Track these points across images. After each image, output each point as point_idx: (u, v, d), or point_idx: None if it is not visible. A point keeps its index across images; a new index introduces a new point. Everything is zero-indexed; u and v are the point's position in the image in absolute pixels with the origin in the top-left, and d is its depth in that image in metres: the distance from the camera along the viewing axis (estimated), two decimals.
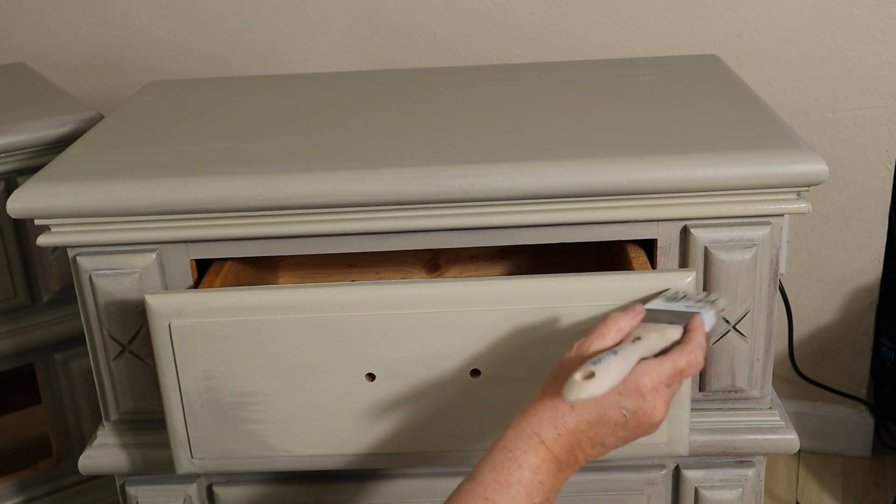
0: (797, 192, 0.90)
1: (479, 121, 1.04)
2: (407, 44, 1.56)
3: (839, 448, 1.66)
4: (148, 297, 0.88)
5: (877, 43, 1.45)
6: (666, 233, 0.93)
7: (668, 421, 0.89)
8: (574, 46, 1.53)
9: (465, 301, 0.87)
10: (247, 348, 0.88)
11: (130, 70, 1.64)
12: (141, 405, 0.99)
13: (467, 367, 0.88)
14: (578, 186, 0.89)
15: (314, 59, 1.59)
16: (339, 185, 0.90)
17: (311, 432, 0.91)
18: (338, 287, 0.88)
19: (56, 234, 0.93)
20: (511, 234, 0.93)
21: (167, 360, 0.89)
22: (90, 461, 1.01)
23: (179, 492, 1.02)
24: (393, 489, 1.01)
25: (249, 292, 0.88)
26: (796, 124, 1.49)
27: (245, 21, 1.59)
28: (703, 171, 0.88)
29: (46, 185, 0.92)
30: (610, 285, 0.86)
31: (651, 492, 1.00)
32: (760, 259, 0.92)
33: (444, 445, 0.91)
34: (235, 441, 0.92)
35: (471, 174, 0.89)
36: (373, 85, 1.22)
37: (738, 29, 1.48)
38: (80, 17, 1.62)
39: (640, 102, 1.07)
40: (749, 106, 1.03)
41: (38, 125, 1.19)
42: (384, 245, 0.94)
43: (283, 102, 1.15)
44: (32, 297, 1.26)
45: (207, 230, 0.92)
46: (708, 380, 0.97)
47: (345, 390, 0.89)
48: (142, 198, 0.90)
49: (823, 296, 1.60)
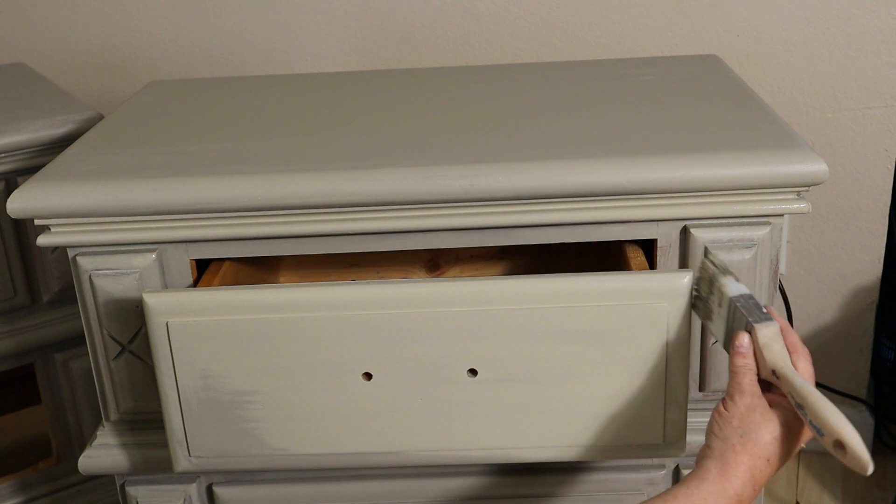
0: (797, 192, 0.90)
1: (479, 121, 1.04)
2: (407, 44, 1.56)
3: None
4: (146, 295, 0.88)
5: (877, 43, 1.45)
6: (666, 233, 0.93)
7: (666, 421, 0.90)
8: (574, 46, 1.53)
9: (465, 301, 0.87)
10: (244, 347, 0.88)
11: (130, 70, 1.63)
12: (141, 405, 0.99)
13: (465, 366, 0.88)
14: (578, 186, 0.89)
15: (314, 59, 1.59)
16: (339, 185, 0.90)
17: (309, 431, 0.91)
18: (337, 287, 0.88)
19: (56, 234, 0.93)
20: (511, 234, 0.93)
21: (165, 358, 0.89)
22: (90, 461, 1.01)
23: (179, 492, 1.02)
24: (391, 488, 1.01)
25: (247, 291, 0.88)
26: (796, 124, 1.49)
27: (245, 21, 1.59)
28: (703, 171, 0.88)
29: (46, 185, 0.92)
30: (610, 285, 0.86)
31: (651, 492, 1.00)
32: (760, 259, 0.92)
33: (440, 445, 0.91)
34: (233, 440, 0.92)
35: (471, 174, 0.89)
36: (373, 85, 1.22)
37: (738, 29, 1.48)
38: (80, 17, 1.61)
39: (640, 102, 1.07)
40: (749, 106, 1.03)
41: (38, 125, 1.19)
42: (384, 245, 0.94)
43: (283, 102, 1.15)
44: (32, 297, 1.26)
45: (207, 230, 0.92)
46: (708, 380, 0.97)
47: (342, 389, 0.89)
48: (142, 198, 0.90)
49: (823, 296, 1.60)
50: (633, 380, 0.88)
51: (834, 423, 0.71)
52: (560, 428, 0.90)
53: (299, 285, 0.89)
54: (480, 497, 1.01)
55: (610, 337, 0.87)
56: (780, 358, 0.77)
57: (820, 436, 0.72)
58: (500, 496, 1.01)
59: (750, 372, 0.78)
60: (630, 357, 0.87)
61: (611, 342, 0.87)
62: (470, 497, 1.01)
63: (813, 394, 0.74)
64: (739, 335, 0.80)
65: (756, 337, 0.78)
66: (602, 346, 0.87)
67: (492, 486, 1.01)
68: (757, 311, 0.80)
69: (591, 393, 0.89)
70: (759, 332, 0.78)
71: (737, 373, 0.79)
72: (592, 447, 0.91)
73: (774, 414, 0.77)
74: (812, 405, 0.73)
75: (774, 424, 0.76)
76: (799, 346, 0.80)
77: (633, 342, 0.87)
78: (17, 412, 1.60)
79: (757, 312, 0.80)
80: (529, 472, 1.00)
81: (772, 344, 0.78)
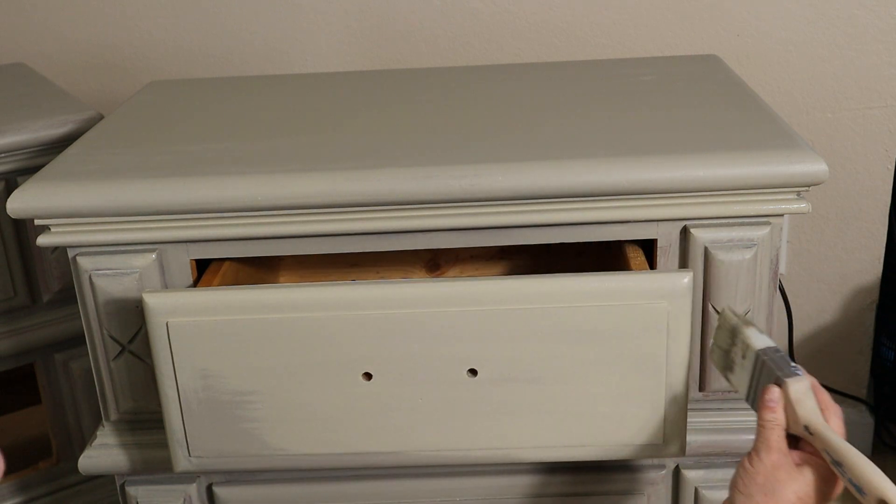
0: (797, 192, 0.90)
1: (478, 121, 1.04)
2: (407, 44, 1.56)
3: None
4: (146, 295, 0.88)
5: (877, 43, 1.45)
6: (666, 233, 0.93)
7: (666, 421, 0.90)
8: (574, 46, 1.53)
9: (465, 301, 0.87)
10: (244, 347, 0.88)
11: (130, 70, 1.63)
12: (141, 405, 0.99)
13: (465, 366, 0.88)
14: (578, 186, 0.89)
15: (314, 59, 1.59)
16: (339, 185, 0.90)
17: (308, 431, 0.91)
18: (337, 287, 0.88)
19: (56, 234, 0.93)
20: (511, 234, 0.93)
21: (165, 358, 0.89)
22: (90, 461, 1.01)
23: (179, 492, 1.02)
24: (391, 488, 1.01)
25: (247, 291, 0.88)
26: (796, 124, 1.49)
27: (245, 21, 1.59)
28: (703, 171, 0.88)
29: (46, 185, 0.92)
30: (610, 285, 0.86)
31: (651, 492, 1.00)
32: (760, 259, 0.92)
33: (440, 445, 0.91)
34: (233, 439, 0.92)
35: (471, 174, 0.89)
36: (373, 85, 1.22)
37: (738, 29, 1.48)
38: (80, 17, 1.61)
39: (640, 102, 1.07)
40: (749, 106, 1.03)
41: (38, 125, 1.19)
42: (384, 245, 0.94)
43: (283, 102, 1.15)
44: (32, 297, 1.26)
45: (207, 230, 0.92)
46: (708, 380, 0.97)
47: (342, 389, 0.89)
48: (142, 198, 0.90)
49: (823, 296, 1.60)
50: (633, 380, 0.88)
51: (877, 483, 0.70)
52: (560, 428, 0.90)
53: (299, 285, 0.89)
54: (480, 497, 1.01)
55: (610, 337, 0.87)
56: (814, 414, 0.76)
57: (860, 494, 0.71)
58: (500, 496, 1.01)
59: (778, 427, 0.77)
60: (630, 357, 0.87)
61: (611, 342, 0.87)
62: (470, 497, 1.01)
63: (852, 452, 0.73)
64: (770, 389, 0.78)
65: (788, 391, 0.77)
66: (602, 346, 0.87)
67: (491, 486, 1.01)
68: (786, 365, 0.79)
69: (591, 393, 0.89)
70: (791, 386, 0.77)
71: (765, 427, 0.77)
72: (592, 447, 0.91)
73: (800, 472, 0.76)
74: (852, 464, 0.72)
75: (799, 483, 0.75)
76: (830, 402, 0.79)
77: (633, 342, 0.87)
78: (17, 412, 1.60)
79: (787, 367, 0.78)
80: (529, 472, 1.00)
81: (804, 399, 0.77)
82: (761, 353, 0.80)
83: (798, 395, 0.77)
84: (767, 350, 0.80)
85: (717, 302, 0.93)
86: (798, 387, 0.77)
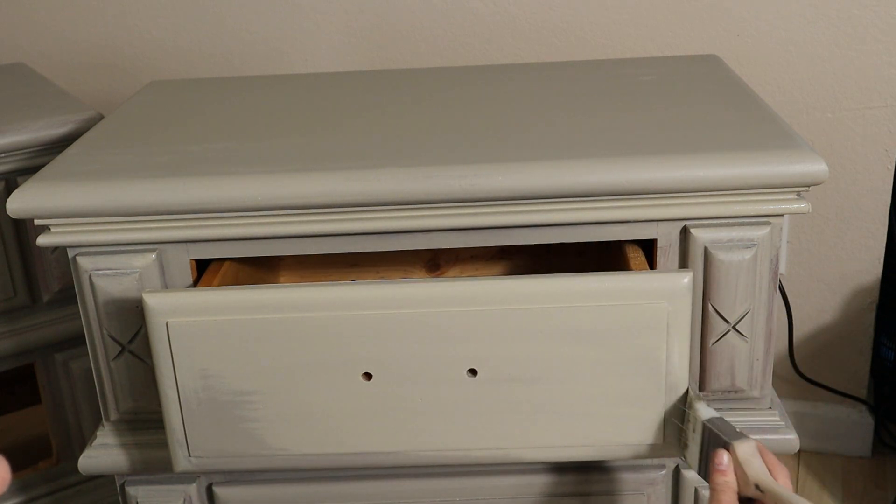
0: (797, 192, 0.90)
1: (479, 121, 1.04)
2: (407, 44, 1.56)
3: (839, 448, 1.66)
4: (145, 295, 0.88)
5: (877, 43, 1.45)
6: (666, 233, 0.93)
7: (666, 421, 0.90)
8: (574, 46, 1.53)
9: (465, 301, 0.87)
10: (244, 347, 0.88)
11: (130, 70, 1.64)
12: (141, 405, 0.99)
13: (465, 366, 0.88)
14: (578, 186, 0.89)
15: (314, 59, 1.59)
16: (339, 185, 0.90)
17: (309, 431, 0.91)
18: (337, 287, 0.88)
19: (56, 234, 0.93)
20: (511, 234, 0.93)
21: (165, 358, 0.89)
22: (90, 461, 1.01)
23: (179, 492, 1.02)
24: (391, 488, 1.01)
25: (247, 291, 0.88)
26: (796, 124, 1.49)
27: (245, 21, 1.59)
28: (703, 171, 0.88)
29: (46, 185, 0.92)
30: (610, 285, 0.86)
31: (651, 492, 1.00)
32: (760, 259, 0.92)
33: (441, 445, 0.91)
34: (233, 440, 0.92)
35: (471, 174, 0.89)
36: (373, 85, 1.22)
37: (738, 29, 1.48)
38: (80, 17, 1.62)
39: (640, 102, 1.07)
40: (749, 106, 1.03)
41: (38, 125, 1.19)
42: (384, 245, 0.94)
43: (283, 102, 1.15)
44: (32, 297, 1.26)
45: (207, 230, 0.92)
46: (708, 380, 0.97)
47: (342, 389, 0.89)
48: (142, 198, 0.90)
49: (823, 296, 1.60)
50: (633, 380, 0.88)
51: None
52: (560, 428, 0.90)
53: (299, 285, 0.89)
54: (480, 497, 1.01)
55: (610, 337, 0.87)
56: (763, 473, 0.79)
57: None
58: (500, 496, 1.01)
59: (730, 490, 0.79)
60: (630, 357, 0.87)
61: (611, 342, 0.87)
62: (470, 497, 1.01)
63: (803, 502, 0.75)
64: (719, 453, 0.81)
65: (736, 453, 0.80)
66: (602, 346, 0.87)
67: (492, 486, 1.01)
68: (732, 430, 0.82)
69: (591, 393, 0.89)
70: (738, 448, 0.80)
71: (717, 490, 0.79)
72: (592, 447, 0.91)
73: None
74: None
75: None
76: (776, 462, 0.81)
77: (633, 342, 0.87)
78: (17, 412, 1.60)
79: (732, 432, 0.82)
80: (529, 473, 1.00)
81: (752, 459, 0.79)
82: (707, 422, 0.83)
83: (746, 456, 0.79)
84: (713, 420, 0.84)
85: (717, 302, 0.93)
86: (745, 448, 0.80)
